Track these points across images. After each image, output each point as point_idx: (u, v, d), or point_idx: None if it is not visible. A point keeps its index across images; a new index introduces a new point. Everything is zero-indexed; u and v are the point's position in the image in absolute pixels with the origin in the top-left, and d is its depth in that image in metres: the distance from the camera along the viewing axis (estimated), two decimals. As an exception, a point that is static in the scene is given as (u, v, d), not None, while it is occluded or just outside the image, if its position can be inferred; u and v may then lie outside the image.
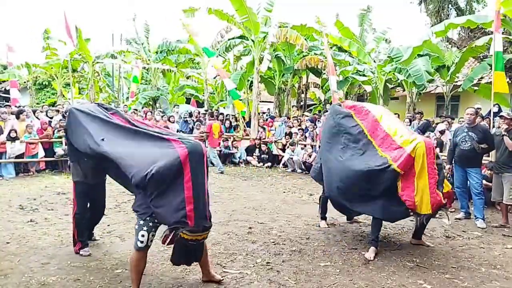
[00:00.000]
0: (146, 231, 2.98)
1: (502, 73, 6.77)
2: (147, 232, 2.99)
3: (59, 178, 8.58)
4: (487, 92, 10.43)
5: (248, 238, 4.60)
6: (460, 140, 5.61)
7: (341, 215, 5.50)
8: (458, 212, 6.00)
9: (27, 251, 4.03)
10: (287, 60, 15.16)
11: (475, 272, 3.75)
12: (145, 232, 2.98)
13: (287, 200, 6.92)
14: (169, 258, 3.83)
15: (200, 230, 2.86)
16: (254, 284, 3.35)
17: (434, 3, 15.37)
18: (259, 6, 13.12)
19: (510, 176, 5.32)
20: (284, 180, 9.15)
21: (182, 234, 2.80)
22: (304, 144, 10.75)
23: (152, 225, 3.00)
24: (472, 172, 5.59)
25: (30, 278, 3.38)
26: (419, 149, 3.80)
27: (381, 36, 14.41)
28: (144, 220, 2.99)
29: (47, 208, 5.90)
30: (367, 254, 4.04)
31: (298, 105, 17.70)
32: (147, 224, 2.98)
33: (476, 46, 10.18)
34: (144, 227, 2.98)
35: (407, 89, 12.60)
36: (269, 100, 19.94)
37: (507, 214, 5.49)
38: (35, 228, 4.85)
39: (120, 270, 3.58)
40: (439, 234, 5.02)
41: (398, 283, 3.45)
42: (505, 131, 5.41)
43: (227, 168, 10.75)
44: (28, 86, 21.30)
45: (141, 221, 3.00)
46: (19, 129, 9.01)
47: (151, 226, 3.00)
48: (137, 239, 3.00)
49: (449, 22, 9.69)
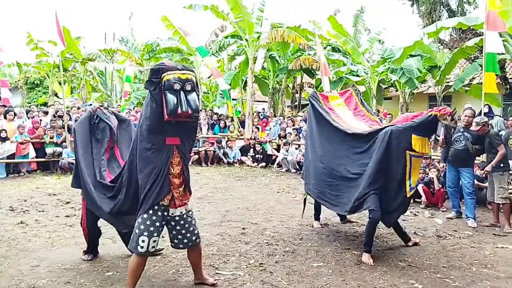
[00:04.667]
0: (147, 237, 2.88)
1: (493, 74, 6.84)
2: (148, 238, 2.88)
3: (50, 179, 8.49)
4: (478, 92, 10.55)
5: (241, 239, 4.59)
6: (455, 140, 5.66)
7: (334, 216, 5.52)
8: (449, 211, 6.05)
9: (17, 254, 3.98)
10: (281, 60, 15.18)
11: (466, 272, 3.78)
12: (145, 237, 2.88)
13: (281, 200, 6.92)
14: (160, 260, 3.82)
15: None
16: (247, 286, 3.34)
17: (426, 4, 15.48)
18: (253, 6, 13.12)
19: (497, 175, 5.38)
20: (278, 180, 9.15)
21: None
22: (298, 144, 10.77)
23: (154, 230, 2.91)
24: (465, 172, 5.65)
25: (20, 281, 3.34)
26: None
27: (374, 37, 14.49)
28: (144, 225, 2.90)
29: (38, 210, 5.83)
30: (363, 258, 3.99)
31: (292, 105, 17.73)
32: (148, 229, 2.89)
33: (467, 47, 10.28)
34: (145, 232, 2.88)
35: (400, 89, 12.69)
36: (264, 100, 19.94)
37: (498, 213, 5.55)
38: (26, 230, 4.79)
39: (111, 273, 3.55)
40: (431, 233, 5.05)
41: (389, 283, 3.47)
42: (478, 136, 5.47)
43: (221, 168, 10.74)
44: (19, 85, 21.07)
45: (142, 225, 2.90)
46: (8, 129, 8.91)
47: (152, 231, 2.90)
48: (137, 244, 2.89)
49: (441, 24, 9.78)
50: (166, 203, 2.96)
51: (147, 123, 2.85)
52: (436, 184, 6.60)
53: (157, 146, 2.86)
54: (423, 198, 6.60)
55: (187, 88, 2.78)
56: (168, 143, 2.88)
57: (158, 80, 2.77)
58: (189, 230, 3.09)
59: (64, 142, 9.52)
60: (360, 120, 4.80)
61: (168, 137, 2.88)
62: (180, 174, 2.97)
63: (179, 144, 2.93)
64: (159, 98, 2.78)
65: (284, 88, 16.27)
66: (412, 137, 3.91)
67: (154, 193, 2.87)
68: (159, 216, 2.93)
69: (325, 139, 4.71)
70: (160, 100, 2.78)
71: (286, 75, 15.67)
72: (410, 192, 4.02)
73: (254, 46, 12.94)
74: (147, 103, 2.87)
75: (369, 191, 4.01)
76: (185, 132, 2.98)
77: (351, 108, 4.99)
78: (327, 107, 4.94)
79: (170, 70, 2.79)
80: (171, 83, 2.74)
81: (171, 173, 2.93)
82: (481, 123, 5.46)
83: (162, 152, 2.87)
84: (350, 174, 4.32)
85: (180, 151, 2.94)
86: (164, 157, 2.87)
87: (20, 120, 9.73)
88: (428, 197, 6.62)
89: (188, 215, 3.09)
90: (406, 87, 11.99)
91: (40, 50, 16.53)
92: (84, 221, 3.82)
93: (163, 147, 2.87)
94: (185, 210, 3.07)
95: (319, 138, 4.80)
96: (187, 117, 2.82)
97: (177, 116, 2.75)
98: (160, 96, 2.78)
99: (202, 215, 5.64)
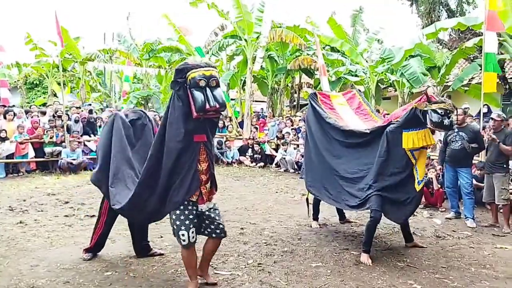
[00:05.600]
0: (185, 230, 2.99)
1: (494, 74, 6.84)
2: (186, 231, 2.99)
3: (49, 179, 8.49)
4: (477, 92, 10.55)
5: (240, 239, 4.59)
6: (451, 140, 5.66)
7: (333, 216, 5.53)
8: (448, 211, 6.05)
9: (16, 253, 3.98)
10: (280, 60, 15.18)
11: (465, 272, 3.78)
12: (184, 231, 2.99)
13: (279, 200, 6.92)
14: (159, 260, 3.83)
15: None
16: (245, 286, 3.35)
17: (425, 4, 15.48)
18: (253, 6, 13.13)
19: (500, 176, 5.33)
20: (276, 180, 9.16)
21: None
22: (296, 144, 10.77)
23: (189, 223, 3.00)
24: (463, 172, 5.65)
25: (19, 280, 3.34)
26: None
27: (373, 37, 14.50)
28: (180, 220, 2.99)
29: (37, 210, 5.83)
30: (362, 258, 3.99)
31: (291, 105, 17.73)
32: (184, 223, 2.99)
33: (466, 48, 10.29)
34: (182, 226, 2.99)
35: (399, 89, 12.70)
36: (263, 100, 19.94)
37: (497, 214, 5.54)
38: (25, 230, 4.79)
39: (110, 273, 3.55)
40: (430, 234, 5.05)
41: (388, 283, 3.47)
42: (493, 133, 5.43)
43: (219, 168, 10.74)
44: (19, 85, 21.05)
45: (177, 221, 3.00)
46: (8, 129, 8.91)
47: (188, 224, 3.00)
48: (179, 238, 3.02)
49: (440, 25, 9.79)
50: (195, 199, 3.04)
51: (175, 122, 2.90)
52: (435, 184, 6.61)
53: (186, 144, 2.91)
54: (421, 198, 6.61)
55: (212, 84, 2.85)
56: (196, 140, 2.95)
57: (184, 80, 2.85)
58: (217, 223, 3.17)
59: (63, 142, 9.51)
60: (361, 119, 4.79)
61: (195, 135, 2.94)
62: (207, 170, 3.06)
63: (205, 141, 3.01)
64: (185, 97, 2.85)
65: (283, 88, 16.27)
66: (403, 135, 3.92)
67: (184, 189, 2.94)
68: (190, 210, 3.03)
69: (324, 138, 4.73)
70: (186, 99, 2.85)
71: (284, 75, 15.68)
72: (419, 186, 4.01)
73: (253, 46, 12.94)
74: (172, 103, 2.93)
75: (372, 191, 4.02)
76: (210, 129, 3.08)
77: (354, 107, 4.99)
78: (328, 106, 4.95)
79: (194, 68, 2.86)
80: (196, 80, 2.81)
81: (199, 169, 3.00)
82: (499, 118, 5.41)
83: (190, 149, 2.94)
84: (348, 174, 4.34)
85: (207, 148, 3.03)
86: (192, 154, 2.95)
87: (19, 120, 9.73)
88: (427, 197, 6.62)
89: (214, 208, 3.19)
90: (405, 86, 12.00)
91: (40, 50, 16.52)
92: (102, 219, 3.80)
93: (191, 144, 2.94)
94: (212, 205, 3.17)
95: (319, 136, 4.81)
96: (215, 112, 2.90)
97: (206, 112, 2.81)
98: (186, 95, 2.85)
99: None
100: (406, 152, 3.96)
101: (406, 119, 3.96)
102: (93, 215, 4.19)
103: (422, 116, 3.88)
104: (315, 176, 4.83)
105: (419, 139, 3.91)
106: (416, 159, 3.98)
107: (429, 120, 3.84)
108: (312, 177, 4.91)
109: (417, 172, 3.99)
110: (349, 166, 4.37)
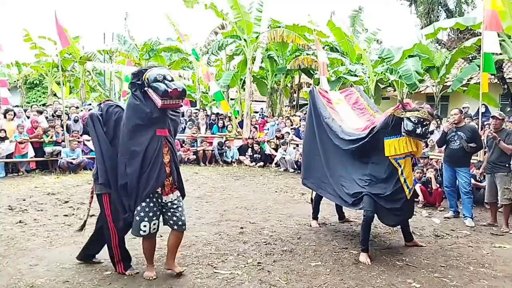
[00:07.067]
0: (147, 222, 3.23)
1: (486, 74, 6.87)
2: (148, 223, 3.24)
3: (49, 178, 8.48)
4: (476, 92, 10.58)
5: (239, 238, 4.60)
6: (449, 140, 5.68)
7: (332, 215, 5.54)
8: (447, 211, 6.07)
9: (15, 253, 3.98)
10: (280, 60, 15.18)
11: (464, 271, 3.79)
12: (146, 223, 3.23)
13: (279, 199, 6.93)
14: (157, 259, 3.83)
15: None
16: (245, 285, 3.36)
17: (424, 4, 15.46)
18: (251, 6, 13.12)
19: (502, 175, 5.30)
20: (276, 179, 9.17)
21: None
22: (296, 143, 10.78)
23: (153, 215, 3.26)
24: (461, 172, 5.66)
25: (19, 280, 3.35)
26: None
27: (372, 37, 14.51)
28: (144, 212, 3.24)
29: (37, 209, 5.83)
30: (361, 257, 4.00)
31: (290, 104, 17.73)
32: (147, 215, 3.23)
33: (465, 47, 10.31)
34: (145, 218, 3.23)
35: (398, 89, 12.72)
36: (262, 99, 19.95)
37: (496, 213, 5.55)
38: (24, 229, 4.79)
39: (109, 272, 3.55)
40: (428, 233, 5.07)
41: (387, 282, 3.48)
42: (494, 131, 5.43)
43: (219, 167, 10.75)
44: (19, 85, 21.05)
45: (141, 212, 3.23)
46: (8, 129, 8.90)
47: (151, 216, 3.25)
48: (139, 229, 3.24)
49: (438, 25, 9.81)
50: (159, 191, 3.30)
51: (136, 120, 3.17)
52: (433, 184, 6.62)
53: (149, 138, 3.18)
54: (420, 197, 6.62)
55: (168, 79, 3.18)
56: (158, 134, 3.23)
57: (141, 82, 3.17)
58: (177, 217, 3.38)
59: (63, 142, 9.51)
60: (357, 114, 4.79)
61: (158, 129, 3.23)
62: (169, 163, 3.31)
63: (167, 135, 3.31)
64: (142, 96, 3.18)
65: (283, 88, 16.28)
66: (385, 142, 3.94)
67: (152, 181, 3.19)
68: (155, 202, 3.30)
69: (323, 135, 4.74)
70: (144, 97, 3.17)
71: (284, 75, 15.67)
72: (409, 194, 4.03)
73: (252, 46, 12.94)
74: (130, 104, 3.24)
75: (365, 192, 4.06)
76: (171, 125, 3.38)
77: (351, 102, 4.99)
78: (326, 99, 4.97)
79: (149, 69, 3.23)
80: (154, 76, 3.13)
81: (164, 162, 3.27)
82: (501, 117, 5.43)
83: (153, 143, 3.20)
84: (346, 174, 4.36)
85: (168, 142, 3.31)
86: (156, 147, 3.20)
87: (19, 119, 9.72)
88: (425, 197, 6.64)
89: (178, 200, 3.43)
90: (404, 86, 12.03)
91: (39, 49, 16.50)
92: (112, 233, 3.53)
93: (154, 138, 3.20)
94: (176, 196, 3.41)
95: (318, 132, 4.82)
96: (178, 98, 3.15)
97: (169, 96, 3.07)
98: (144, 94, 3.17)
99: (200, 214, 5.65)
100: (391, 160, 3.97)
101: (382, 125, 3.97)
102: (93, 214, 4.16)
103: (397, 123, 3.89)
104: (314, 171, 4.87)
105: (400, 146, 3.91)
106: (401, 167, 3.96)
107: (403, 128, 3.86)
108: (310, 172, 4.95)
109: (406, 180, 3.99)
110: (346, 166, 4.39)
